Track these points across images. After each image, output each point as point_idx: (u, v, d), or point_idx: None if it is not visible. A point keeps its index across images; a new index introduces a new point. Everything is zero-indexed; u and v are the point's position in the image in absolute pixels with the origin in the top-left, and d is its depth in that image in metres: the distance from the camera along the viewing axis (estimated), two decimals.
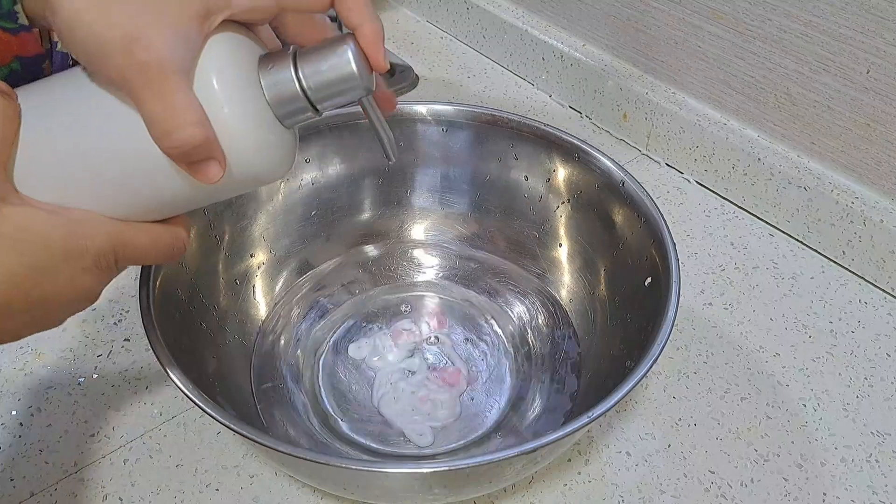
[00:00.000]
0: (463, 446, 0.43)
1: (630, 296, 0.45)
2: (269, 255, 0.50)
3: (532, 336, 0.49)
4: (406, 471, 0.34)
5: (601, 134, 0.71)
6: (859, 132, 0.54)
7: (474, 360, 0.48)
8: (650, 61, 0.66)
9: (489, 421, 0.45)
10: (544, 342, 0.48)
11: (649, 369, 0.36)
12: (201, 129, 0.27)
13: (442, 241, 0.54)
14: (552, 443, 0.33)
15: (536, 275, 0.51)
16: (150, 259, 0.31)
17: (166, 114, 0.26)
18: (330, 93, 0.29)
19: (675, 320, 0.38)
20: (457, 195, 0.53)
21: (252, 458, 0.44)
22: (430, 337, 0.49)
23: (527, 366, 0.47)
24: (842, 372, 0.50)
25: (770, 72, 0.57)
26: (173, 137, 0.27)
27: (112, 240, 0.29)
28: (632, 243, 0.45)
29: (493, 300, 0.51)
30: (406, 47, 0.81)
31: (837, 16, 0.51)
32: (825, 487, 0.44)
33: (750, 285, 0.56)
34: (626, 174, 0.46)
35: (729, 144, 0.61)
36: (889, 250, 0.54)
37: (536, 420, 0.44)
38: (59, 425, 0.45)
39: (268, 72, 0.29)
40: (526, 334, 0.49)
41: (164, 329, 0.37)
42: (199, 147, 0.27)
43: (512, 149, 0.50)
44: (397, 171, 0.52)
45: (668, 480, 0.44)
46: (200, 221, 0.45)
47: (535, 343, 0.49)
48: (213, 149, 0.28)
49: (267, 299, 0.49)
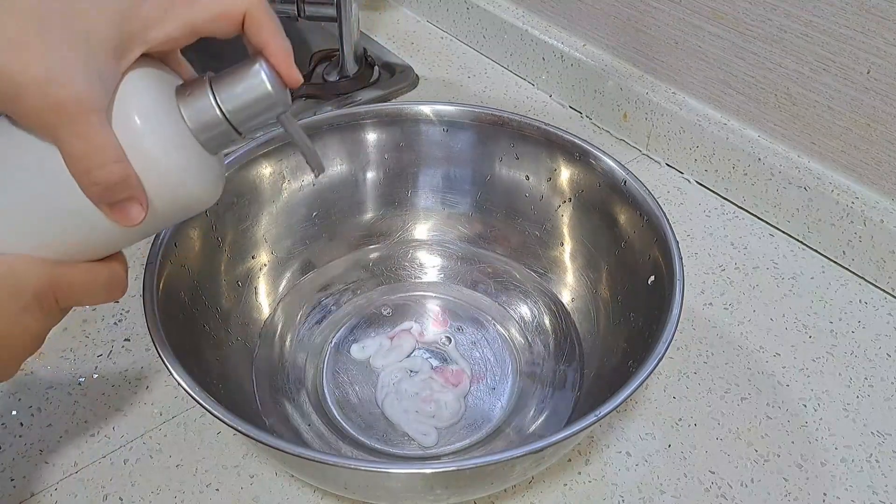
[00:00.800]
0: (467, 447, 0.43)
1: (633, 295, 0.45)
2: (271, 256, 0.50)
3: (535, 336, 0.49)
4: (408, 471, 0.34)
5: (601, 134, 0.71)
6: (860, 132, 0.54)
7: (477, 360, 0.48)
8: (650, 61, 0.66)
9: (493, 421, 0.45)
10: (547, 342, 0.48)
11: (656, 366, 0.36)
12: (120, 167, 0.27)
13: (444, 241, 0.54)
14: (557, 443, 0.33)
15: (539, 274, 0.51)
16: (91, 297, 0.32)
17: (86, 152, 0.26)
18: (249, 113, 0.30)
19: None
20: (458, 195, 0.53)
21: (252, 458, 0.44)
22: (433, 337, 0.49)
23: (530, 366, 0.47)
24: (842, 372, 0.50)
25: (770, 72, 0.57)
26: (93, 175, 0.27)
27: (48, 280, 0.29)
28: (634, 242, 0.45)
29: (495, 300, 0.51)
30: (406, 47, 0.81)
31: (838, 16, 0.51)
32: (825, 487, 0.44)
33: (750, 285, 0.56)
34: (628, 173, 0.46)
35: (729, 144, 0.61)
36: (889, 250, 0.54)
37: (540, 420, 0.44)
38: (59, 425, 0.45)
39: (186, 101, 0.30)
40: (528, 334, 0.49)
41: (168, 330, 0.37)
42: (119, 185, 0.27)
43: (513, 148, 0.50)
44: (399, 171, 0.52)
45: (668, 480, 0.44)
46: (202, 224, 0.45)
47: (538, 343, 0.49)
48: (133, 187, 0.28)
49: (269, 300, 0.49)
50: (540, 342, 0.49)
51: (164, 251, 0.40)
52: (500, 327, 0.50)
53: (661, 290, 0.41)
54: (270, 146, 0.48)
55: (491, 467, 0.33)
